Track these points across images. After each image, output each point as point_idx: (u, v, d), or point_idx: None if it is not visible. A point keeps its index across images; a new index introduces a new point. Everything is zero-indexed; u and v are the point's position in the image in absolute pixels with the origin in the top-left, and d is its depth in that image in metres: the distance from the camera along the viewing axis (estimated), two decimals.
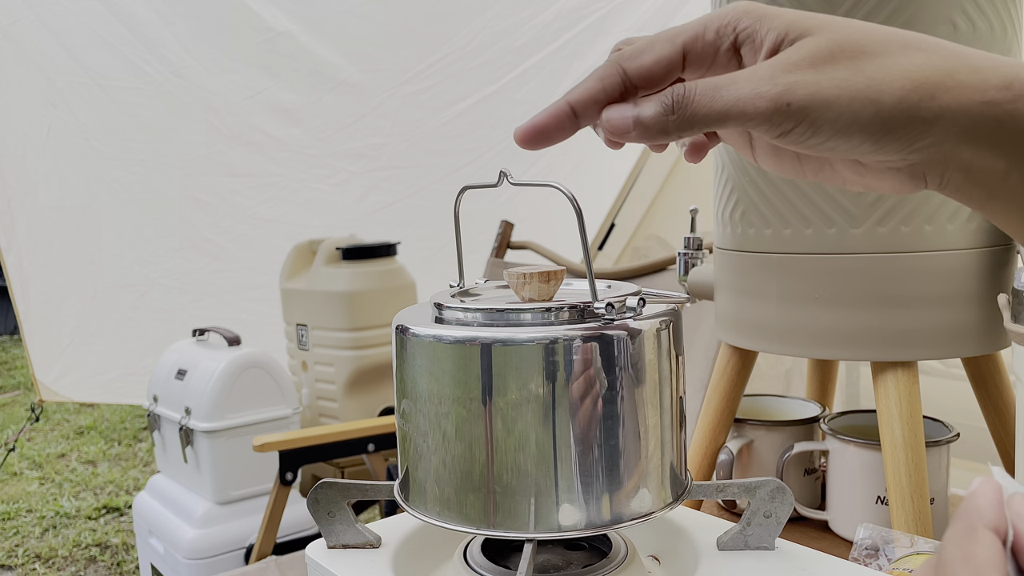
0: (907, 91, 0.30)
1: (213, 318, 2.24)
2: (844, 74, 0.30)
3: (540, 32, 2.25)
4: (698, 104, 0.31)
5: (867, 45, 0.31)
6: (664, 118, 0.32)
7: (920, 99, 0.30)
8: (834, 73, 0.30)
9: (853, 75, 0.30)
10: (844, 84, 0.30)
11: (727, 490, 0.52)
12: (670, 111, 0.32)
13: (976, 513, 0.23)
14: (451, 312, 0.47)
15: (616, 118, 0.33)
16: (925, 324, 0.64)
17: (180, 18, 2.19)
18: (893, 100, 0.30)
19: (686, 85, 0.32)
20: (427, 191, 2.59)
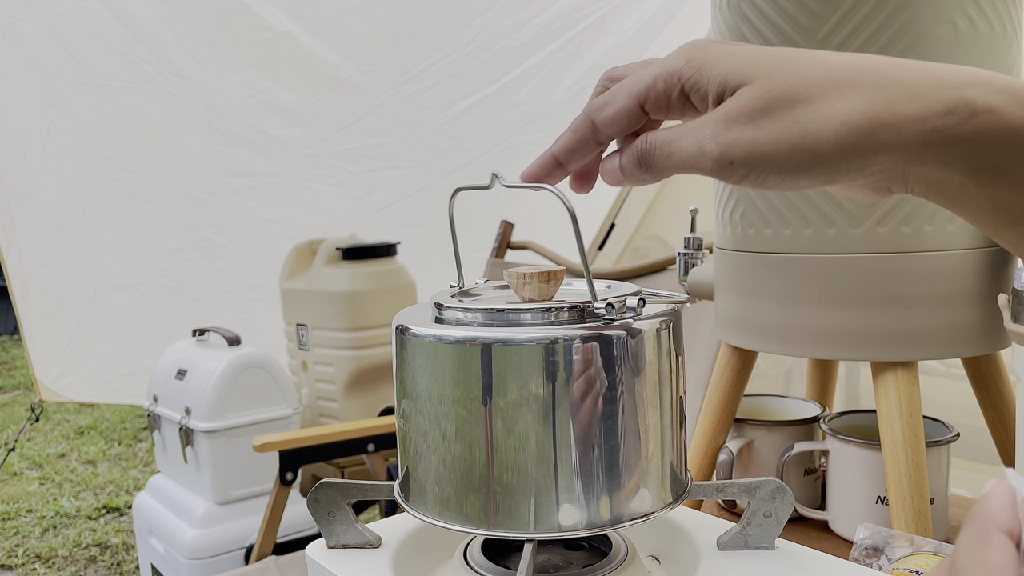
0: (842, 136, 0.31)
1: (213, 318, 2.24)
2: (780, 127, 0.31)
3: (540, 32, 2.25)
4: (657, 159, 0.35)
5: (802, 91, 0.31)
6: (637, 169, 0.36)
7: (857, 141, 0.31)
8: (770, 127, 0.31)
9: (788, 127, 0.31)
10: (780, 138, 0.31)
11: (727, 490, 0.52)
12: (638, 164, 0.36)
13: (989, 516, 0.23)
14: (451, 312, 0.47)
15: (608, 170, 0.38)
16: (925, 324, 0.64)
17: (180, 18, 2.19)
18: (830, 147, 0.31)
19: (647, 140, 0.35)
20: (427, 191, 2.59)
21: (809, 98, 0.31)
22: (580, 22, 2.24)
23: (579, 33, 2.25)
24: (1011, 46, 0.64)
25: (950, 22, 0.61)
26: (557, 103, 2.41)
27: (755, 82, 0.32)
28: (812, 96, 0.31)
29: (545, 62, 2.31)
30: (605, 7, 2.21)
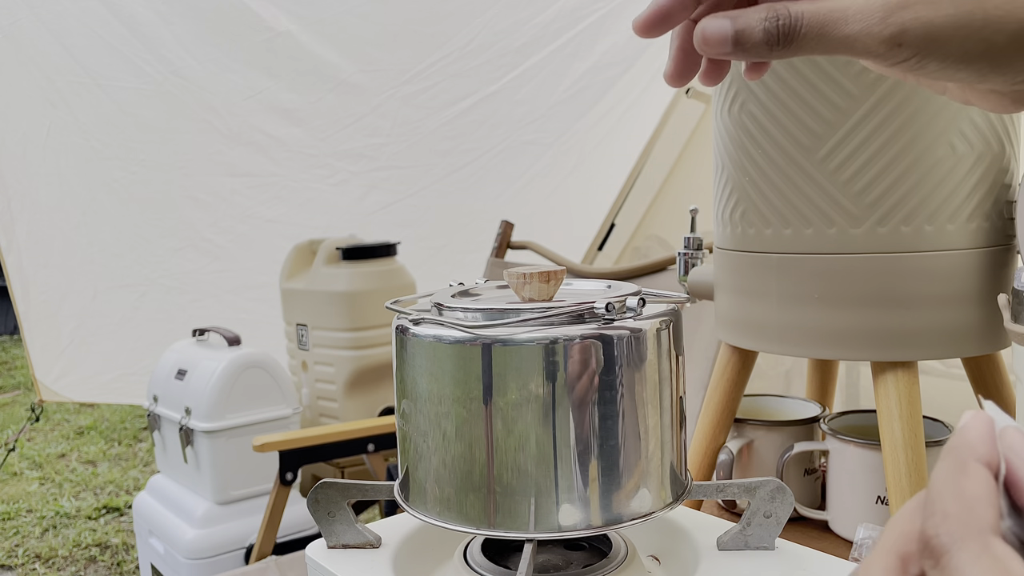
0: (1022, 31, 0.29)
1: (213, 318, 2.24)
2: (964, 9, 0.29)
3: (540, 32, 2.25)
4: (806, 37, 0.30)
5: None
6: (767, 45, 0.31)
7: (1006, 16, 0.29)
8: (951, 7, 0.29)
9: (971, 11, 0.29)
10: (961, 23, 0.29)
11: (727, 490, 0.52)
12: (775, 40, 0.30)
13: (967, 447, 0.22)
14: (451, 312, 0.47)
15: (714, 32, 0.31)
16: (925, 324, 0.64)
17: (180, 18, 2.19)
18: (1006, 40, 0.29)
19: (792, 11, 0.30)
20: (427, 191, 2.59)
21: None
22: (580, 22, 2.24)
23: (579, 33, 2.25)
24: None
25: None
26: (557, 103, 2.41)
27: None
28: None
29: (545, 62, 2.31)
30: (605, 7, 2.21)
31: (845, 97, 0.62)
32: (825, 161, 0.64)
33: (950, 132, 0.62)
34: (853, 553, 0.62)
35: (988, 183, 0.64)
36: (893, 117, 0.62)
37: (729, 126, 0.70)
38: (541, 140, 2.50)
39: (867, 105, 0.62)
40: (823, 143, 0.64)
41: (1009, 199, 0.66)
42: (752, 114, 0.67)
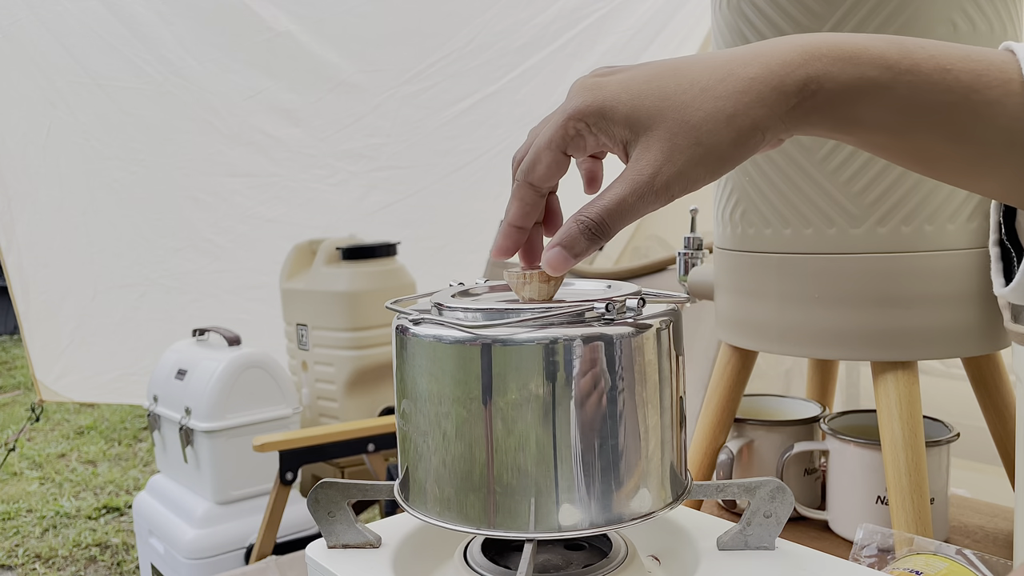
0: (737, 139, 0.39)
1: (213, 318, 2.24)
2: (690, 154, 0.39)
3: (540, 32, 2.25)
4: (613, 226, 0.40)
5: (694, 121, 0.39)
6: (593, 242, 0.41)
7: (747, 137, 0.39)
8: (684, 157, 0.39)
9: (696, 151, 0.39)
10: (695, 160, 0.39)
11: (727, 490, 0.52)
12: (594, 237, 0.41)
13: None
14: (451, 312, 0.47)
15: (555, 261, 0.42)
16: (925, 324, 0.64)
17: (180, 18, 2.19)
18: (731, 149, 0.39)
19: (590, 216, 0.40)
20: (427, 191, 2.59)
21: (701, 123, 0.38)
22: (580, 22, 2.24)
23: (579, 33, 2.25)
24: None
25: (950, 22, 0.61)
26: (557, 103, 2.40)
27: (656, 126, 0.39)
28: (703, 121, 0.38)
29: (545, 62, 2.31)
30: (605, 7, 2.21)
31: None
32: (825, 161, 0.64)
33: None
34: (853, 553, 0.62)
35: None
36: None
37: None
38: None
39: None
40: (823, 143, 0.64)
41: None
42: None
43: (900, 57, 0.37)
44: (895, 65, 0.37)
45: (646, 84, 0.40)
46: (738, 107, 0.38)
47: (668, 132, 0.39)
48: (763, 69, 0.38)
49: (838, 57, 0.38)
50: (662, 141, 0.39)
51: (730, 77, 0.38)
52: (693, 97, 0.39)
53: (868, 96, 0.38)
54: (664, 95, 0.39)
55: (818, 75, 0.38)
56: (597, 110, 0.40)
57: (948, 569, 0.54)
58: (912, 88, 0.37)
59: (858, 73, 0.37)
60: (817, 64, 0.38)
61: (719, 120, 0.38)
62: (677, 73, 0.39)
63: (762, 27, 0.65)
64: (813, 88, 0.38)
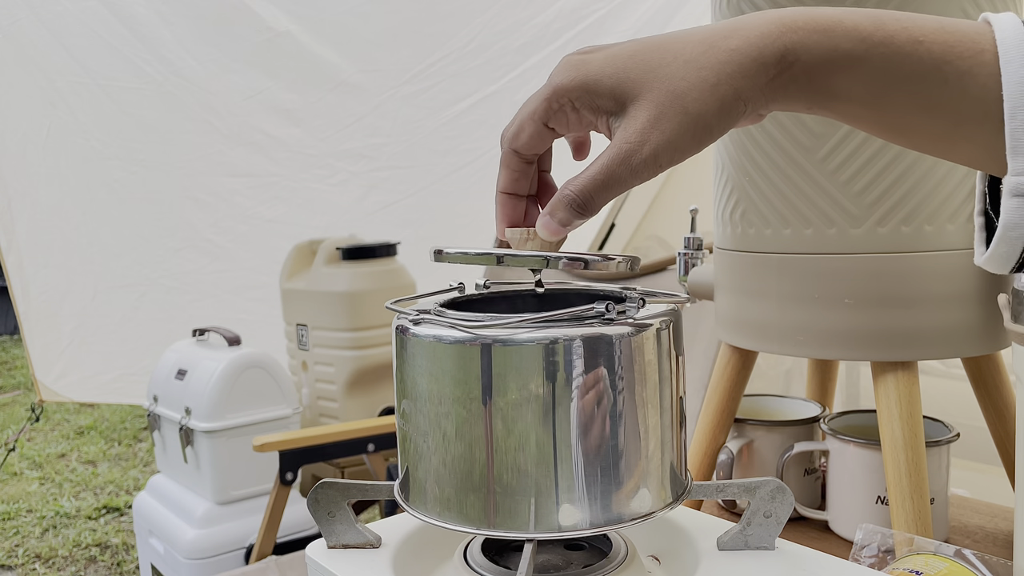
0: (721, 108, 0.39)
1: (213, 318, 2.24)
2: (677, 122, 0.40)
3: (540, 32, 2.25)
4: (597, 198, 0.41)
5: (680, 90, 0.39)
6: (579, 215, 0.42)
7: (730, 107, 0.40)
8: (671, 125, 0.40)
9: (683, 120, 0.40)
10: (682, 128, 0.40)
11: (727, 490, 0.52)
12: (581, 212, 0.42)
13: None
14: (451, 312, 0.47)
15: (549, 228, 0.43)
16: (925, 324, 0.64)
17: (180, 18, 2.19)
18: (716, 118, 0.40)
19: (575, 189, 0.41)
20: (427, 191, 2.59)
21: (687, 92, 0.39)
22: (580, 22, 2.24)
23: (579, 33, 2.25)
24: None
25: None
26: None
27: (642, 96, 0.40)
28: (688, 90, 0.39)
29: (545, 62, 2.31)
30: (605, 7, 2.21)
31: None
32: (825, 161, 0.64)
33: None
34: (853, 553, 0.62)
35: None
36: None
37: None
38: None
39: None
40: (823, 143, 0.64)
41: None
42: None
43: (874, 29, 0.38)
44: (868, 37, 0.38)
45: (631, 59, 0.40)
46: (721, 77, 0.39)
47: (654, 102, 0.40)
48: (743, 41, 0.39)
49: (814, 29, 0.39)
50: (648, 111, 0.40)
51: (712, 49, 0.40)
52: (678, 69, 0.40)
53: (842, 68, 0.39)
54: (649, 67, 0.40)
55: (794, 47, 0.39)
56: (581, 84, 0.41)
57: (948, 569, 0.54)
58: (885, 60, 0.38)
59: (832, 45, 0.39)
60: (793, 36, 0.39)
61: (704, 89, 0.39)
62: (661, 47, 0.40)
63: None
64: (790, 60, 0.39)
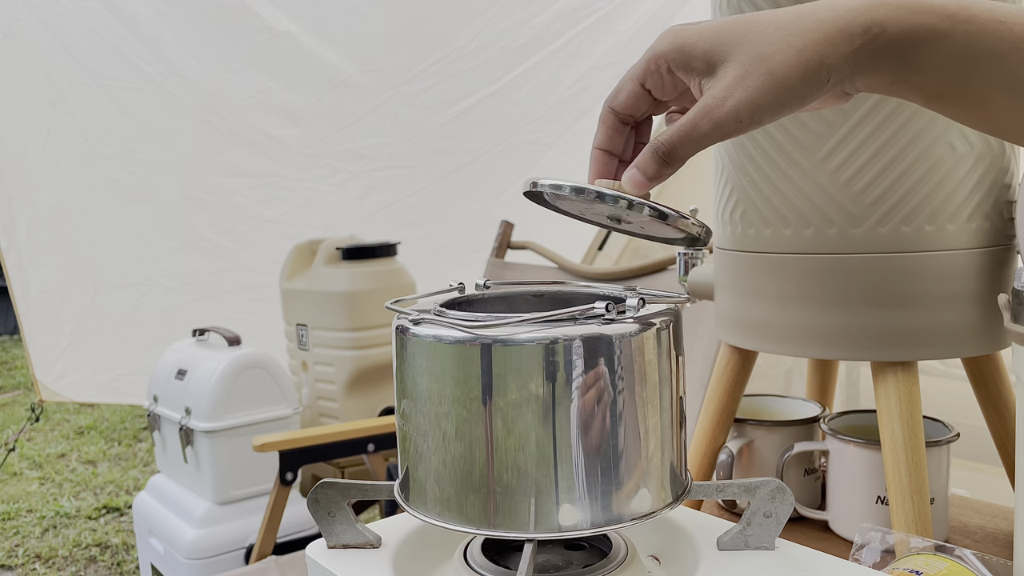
0: (805, 71, 0.41)
1: (213, 318, 2.24)
2: (761, 81, 0.42)
3: (540, 32, 2.25)
4: (681, 149, 0.43)
5: (767, 53, 0.42)
6: (664, 167, 0.44)
7: (814, 71, 0.41)
8: (755, 84, 0.42)
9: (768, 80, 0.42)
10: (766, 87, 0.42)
11: (727, 490, 0.52)
12: (664, 162, 0.44)
13: None
14: (451, 312, 0.47)
15: (634, 181, 0.45)
16: (925, 324, 0.64)
17: (180, 18, 2.19)
18: (800, 82, 0.42)
19: (663, 141, 0.43)
20: (427, 191, 2.59)
21: (773, 55, 0.42)
22: (580, 22, 2.24)
23: (579, 33, 2.25)
24: None
25: None
26: (557, 103, 2.41)
27: (731, 58, 0.42)
28: (774, 53, 0.42)
29: (545, 62, 2.31)
30: (605, 7, 2.21)
31: None
32: (825, 161, 0.64)
33: (950, 132, 0.62)
34: (853, 553, 0.62)
35: (988, 183, 0.64)
36: (893, 117, 0.62)
37: None
38: (541, 140, 2.49)
39: (867, 105, 0.62)
40: (823, 143, 0.64)
41: (1009, 199, 0.66)
42: None
43: (959, 8, 0.40)
44: (954, 14, 0.40)
45: (724, 26, 0.43)
46: (807, 43, 0.41)
47: (741, 62, 0.42)
48: (831, 13, 0.41)
49: (900, 5, 0.41)
50: (735, 70, 0.42)
51: (801, 19, 0.42)
52: (767, 35, 0.42)
53: (927, 42, 0.41)
54: (740, 33, 0.43)
55: (881, 19, 0.41)
56: (678, 47, 0.44)
57: (948, 569, 0.54)
58: (969, 36, 0.40)
59: (918, 20, 0.40)
60: (880, 10, 0.41)
61: (789, 53, 0.41)
62: (755, 19, 0.43)
63: None
64: (876, 31, 0.41)
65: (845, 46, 0.41)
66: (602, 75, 2.33)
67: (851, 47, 0.41)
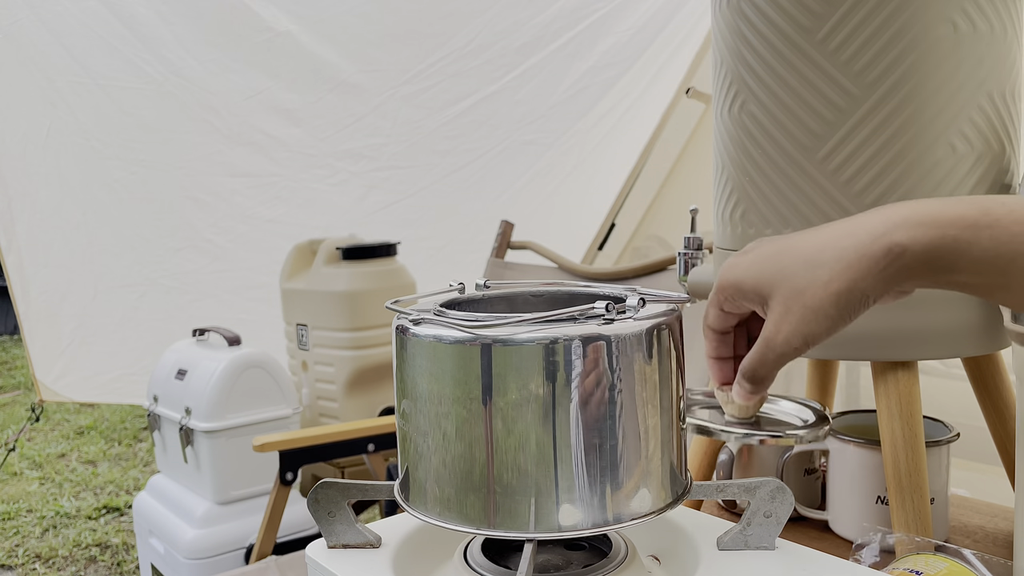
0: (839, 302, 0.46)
1: (213, 318, 2.24)
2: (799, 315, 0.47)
3: (540, 32, 2.25)
4: (760, 372, 0.50)
5: (802, 288, 0.47)
6: (757, 387, 0.51)
7: (848, 299, 0.46)
8: (796, 317, 0.47)
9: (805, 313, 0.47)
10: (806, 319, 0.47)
11: (727, 490, 0.52)
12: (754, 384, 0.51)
13: None
14: (451, 312, 0.47)
15: (739, 395, 0.52)
16: (925, 324, 0.64)
17: (180, 18, 2.19)
18: (837, 309, 0.46)
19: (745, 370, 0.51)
20: (427, 191, 2.59)
21: (806, 289, 0.46)
22: (580, 22, 2.24)
23: (579, 33, 2.25)
24: (1011, 46, 0.64)
25: (950, 22, 0.61)
26: (557, 103, 2.41)
27: (775, 293, 0.48)
28: (807, 287, 0.46)
29: (545, 62, 2.31)
30: (605, 7, 2.21)
31: (845, 97, 0.62)
32: (825, 161, 0.64)
33: (950, 132, 0.62)
34: (853, 553, 0.62)
35: (988, 183, 0.64)
36: (893, 117, 0.62)
37: (729, 126, 0.70)
38: (541, 140, 2.49)
39: (867, 105, 0.62)
40: (823, 143, 0.64)
41: None
42: (752, 114, 0.67)
43: (980, 215, 0.43)
44: (975, 223, 0.43)
45: (766, 261, 0.49)
46: (833, 275, 0.46)
47: (783, 299, 0.48)
48: (852, 240, 0.45)
49: (918, 223, 0.44)
50: (780, 306, 0.48)
51: (827, 250, 0.47)
52: (799, 269, 0.47)
53: (953, 252, 0.43)
54: (778, 268, 0.48)
55: (901, 241, 0.44)
56: (732, 284, 0.50)
57: (948, 569, 0.54)
58: (995, 241, 0.42)
59: (940, 234, 0.43)
60: (899, 232, 0.44)
61: (819, 286, 0.46)
62: (791, 250, 0.48)
63: (762, 27, 0.65)
64: (898, 252, 0.44)
65: (872, 270, 0.44)
66: (602, 75, 2.33)
67: (878, 269, 0.44)
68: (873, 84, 0.62)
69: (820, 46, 0.63)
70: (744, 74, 0.67)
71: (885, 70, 0.61)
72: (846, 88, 0.62)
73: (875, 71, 0.61)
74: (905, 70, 0.61)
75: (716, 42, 0.72)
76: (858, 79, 0.62)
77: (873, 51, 0.61)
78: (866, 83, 0.62)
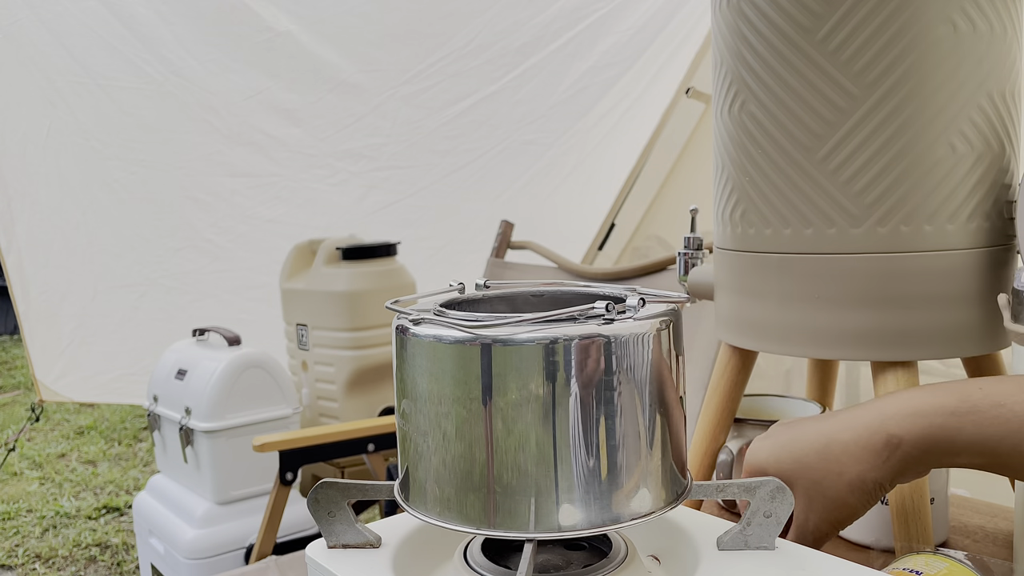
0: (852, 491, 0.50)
1: (213, 318, 2.24)
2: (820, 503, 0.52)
3: (540, 32, 2.25)
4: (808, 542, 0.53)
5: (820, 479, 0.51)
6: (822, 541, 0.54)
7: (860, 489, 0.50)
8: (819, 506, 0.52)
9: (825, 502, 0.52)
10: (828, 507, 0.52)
11: (727, 490, 0.52)
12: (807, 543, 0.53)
13: None
14: (451, 312, 0.47)
15: None
16: (925, 324, 0.64)
17: (180, 18, 2.19)
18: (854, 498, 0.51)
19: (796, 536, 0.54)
20: (427, 191, 2.59)
21: (823, 480, 0.51)
22: (580, 22, 2.24)
23: (579, 33, 2.25)
24: (1011, 46, 0.64)
25: (950, 22, 0.61)
26: (557, 103, 2.41)
27: (797, 483, 0.53)
28: (823, 477, 0.51)
29: (545, 62, 2.31)
30: (605, 7, 2.21)
31: (845, 97, 0.62)
32: (825, 161, 0.64)
33: (950, 132, 0.62)
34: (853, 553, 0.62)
35: (988, 183, 0.64)
36: (893, 117, 0.62)
37: (729, 126, 0.70)
38: (541, 140, 2.49)
39: (867, 105, 0.62)
40: (823, 143, 0.64)
41: (1009, 199, 0.66)
42: (752, 114, 0.67)
43: (958, 403, 0.46)
44: (956, 410, 0.46)
45: (783, 449, 0.53)
46: (843, 467, 0.50)
47: (804, 490, 0.53)
48: (852, 434, 0.49)
49: (908, 413, 0.47)
50: (803, 498, 0.53)
51: (833, 444, 0.51)
52: (814, 460, 0.52)
53: (945, 439, 0.46)
54: (796, 459, 0.52)
55: (896, 432, 0.47)
56: (759, 469, 0.55)
57: (948, 569, 0.54)
58: (977, 426, 0.46)
59: (928, 423, 0.47)
60: (892, 423, 0.48)
61: (833, 479, 0.51)
62: (803, 439, 0.52)
63: (762, 27, 0.65)
64: (895, 443, 0.47)
65: (876, 461, 0.48)
66: (602, 75, 2.33)
67: (881, 460, 0.48)
68: (873, 84, 0.62)
69: (820, 46, 0.63)
70: (744, 74, 0.67)
71: (885, 70, 0.61)
72: (846, 88, 0.62)
73: (875, 71, 0.61)
74: (905, 70, 0.61)
75: (716, 42, 0.72)
76: (858, 79, 0.62)
77: (873, 51, 0.61)
78: (866, 83, 0.62)
